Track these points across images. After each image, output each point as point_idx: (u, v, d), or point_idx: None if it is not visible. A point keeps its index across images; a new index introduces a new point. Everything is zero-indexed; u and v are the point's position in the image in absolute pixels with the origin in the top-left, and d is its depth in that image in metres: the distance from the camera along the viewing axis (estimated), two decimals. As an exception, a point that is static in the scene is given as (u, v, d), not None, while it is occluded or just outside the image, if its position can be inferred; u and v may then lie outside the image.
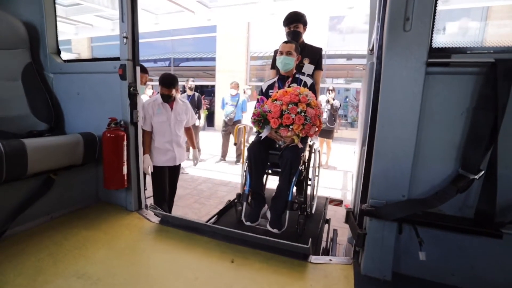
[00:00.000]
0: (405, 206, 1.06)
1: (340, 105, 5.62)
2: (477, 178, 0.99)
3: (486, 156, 0.99)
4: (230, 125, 5.81)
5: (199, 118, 5.66)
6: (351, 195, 1.78)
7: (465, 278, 1.11)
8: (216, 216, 2.04)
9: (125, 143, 1.58)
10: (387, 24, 1.05)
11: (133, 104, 1.62)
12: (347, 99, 11.03)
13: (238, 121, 5.68)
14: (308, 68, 2.02)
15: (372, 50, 1.99)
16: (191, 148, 2.65)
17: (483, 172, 0.99)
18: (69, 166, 1.57)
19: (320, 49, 2.34)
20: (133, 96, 1.60)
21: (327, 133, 5.46)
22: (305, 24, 2.26)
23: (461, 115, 1.03)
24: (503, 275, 1.07)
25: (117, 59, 1.64)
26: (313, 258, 1.32)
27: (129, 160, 1.65)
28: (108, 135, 1.53)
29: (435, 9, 1.03)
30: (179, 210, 3.63)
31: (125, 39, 1.56)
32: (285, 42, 1.97)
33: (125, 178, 1.61)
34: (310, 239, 1.29)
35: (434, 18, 1.03)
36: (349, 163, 5.74)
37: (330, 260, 1.32)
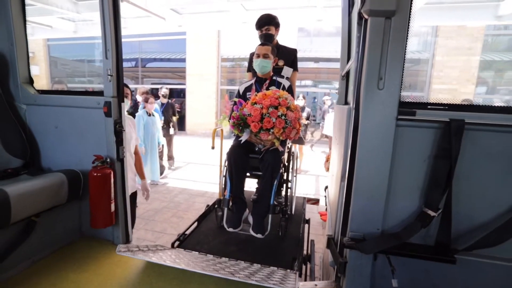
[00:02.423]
0: (380, 241, 1.23)
1: (309, 116, 5.88)
2: (437, 215, 1.18)
3: (443, 197, 1.19)
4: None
5: (173, 126, 5.57)
6: (330, 223, 1.92)
7: (431, 296, 1.32)
8: (196, 222, 2.01)
9: (112, 180, 1.58)
10: (364, 83, 1.20)
11: (119, 141, 1.61)
12: (315, 100, 11.48)
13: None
14: (287, 71, 2.05)
15: (343, 76, 2.18)
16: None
17: (440, 210, 1.18)
18: (53, 207, 1.52)
19: (295, 50, 2.35)
20: (119, 133, 1.60)
21: (298, 140, 5.69)
22: (277, 26, 2.26)
23: (423, 162, 1.22)
24: None
25: (100, 94, 1.62)
26: (300, 285, 1.45)
27: (116, 196, 1.64)
28: (95, 174, 1.51)
29: (403, 70, 1.20)
30: (157, 225, 3.59)
31: (109, 77, 1.55)
32: (261, 45, 1.96)
33: (113, 215, 1.60)
34: (297, 273, 1.42)
35: (402, 78, 1.21)
36: (319, 167, 6.04)
37: (316, 285, 1.47)
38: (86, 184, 1.64)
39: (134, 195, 2.10)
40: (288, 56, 2.25)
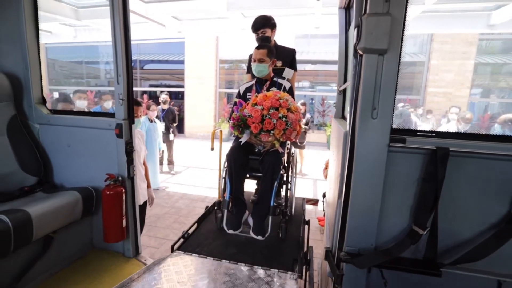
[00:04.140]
0: (374, 257, 1.35)
1: (308, 122, 5.98)
2: (425, 233, 1.30)
3: (431, 216, 1.31)
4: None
5: (173, 132, 5.66)
6: (327, 234, 2.02)
7: (421, 306, 1.45)
8: (195, 224, 2.01)
9: (124, 198, 1.68)
10: (359, 112, 1.32)
11: (130, 160, 1.71)
12: (313, 101, 11.59)
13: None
14: (288, 72, 2.03)
15: (341, 91, 2.29)
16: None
17: (428, 228, 1.30)
18: (68, 224, 1.62)
19: (293, 50, 2.31)
20: (129, 153, 1.70)
21: (296, 145, 5.82)
22: (273, 27, 2.22)
23: (413, 184, 1.34)
24: None
25: (112, 115, 1.72)
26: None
27: (127, 212, 1.74)
28: (108, 192, 1.62)
29: (394, 101, 1.32)
30: (160, 231, 3.68)
31: (121, 101, 1.65)
32: (257, 48, 1.93)
33: (125, 230, 1.71)
34: (297, 280, 1.53)
35: (394, 107, 1.32)
36: (319, 171, 6.17)
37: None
38: (98, 200, 1.74)
39: (144, 204, 2.20)
40: (286, 57, 2.23)
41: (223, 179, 1.95)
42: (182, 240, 1.77)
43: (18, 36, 1.77)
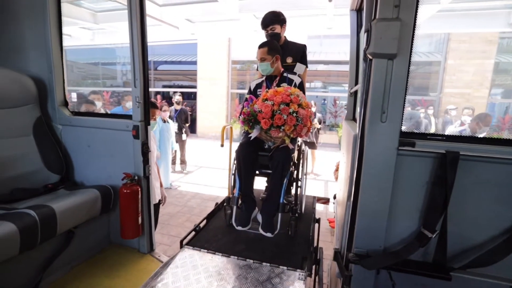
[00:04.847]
0: (382, 258, 1.36)
1: (320, 121, 5.97)
2: (434, 236, 1.31)
3: (440, 219, 1.31)
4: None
5: (186, 132, 5.78)
6: (337, 236, 2.04)
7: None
8: (205, 220, 2.04)
9: (139, 196, 1.76)
10: (368, 116, 1.33)
11: (146, 160, 1.79)
12: (325, 102, 11.50)
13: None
14: (299, 68, 2.02)
15: (352, 93, 2.30)
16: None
17: (437, 232, 1.31)
18: (88, 219, 1.72)
19: (304, 46, 2.28)
20: (145, 154, 1.78)
21: (310, 144, 5.82)
22: (282, 23, 2.19)
23: (422, 187, 1.34)
24: None
25: (129, 117, 1.80)
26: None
27: (143, 210, 1.82)
28: (125, 191, 1.70)
29: (404, 104, 1.33)
30: (172, 229, 3.78)
31: (138, 103, 1.73)
32: (258, 47, 1.92)
33: (140, 227, 1.79)
34: (306, 279, 1.56)
35: (403, 111, 1.33)
36: (330, 172, 6.14)
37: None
38: (116, 198, 1.83)
39: (158, 203, 2.28)
40: (297, 53, 2.18)
41: (233, 176, 1.95)
42: (193, 233, 1.78)
43: (44, 42, 1.89)
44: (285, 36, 2.28)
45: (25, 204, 1.56)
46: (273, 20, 2.16)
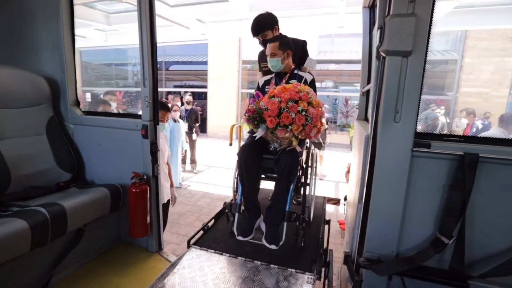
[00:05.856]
0: (394, 264, 1.30)
1: (327, 121, 5.88)
2: (450, 242, 1.24)
3: (457, 225, 1.25)
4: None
5: (196, 132, 5.82)
6: (347, 239, 1.98)
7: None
8: (213, 219, 2.00)
9: (148, 195, 1.76)
10: (381, 116, 1.28)
11: (155, 160, 1.80)
12: (336, 102, 11.33)
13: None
14: (310, 62, 1.90)
15: (364, 93, 2.24)
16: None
17: (454, 238, 1.24)
18: (98, 218, 1.73)
19: (303, 41, 2.18)
20: (154, 153, 1.78)
21: (317, 145, 5.75)
22: (273, 25, 2.08)
23: (438, 190, 1.28)
24: None
25: (138, 117, 1.81)
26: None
27: (151, 209, 1.83)
28: (134, 190, 1.71)
29: (419, 104, 1.27)
30: (181, 228, 3.80)
31: (147, 103, 1.73)
32: (269, 42, 1.83)
33: (149, 226, 1.79)
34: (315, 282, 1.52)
35: (418, 111, 1.27)
36: (341, 173, 6.04)
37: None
38: (125, 197, 1.85)
39: (167, 202, 2.26)
40: (295, 50, 2.05)
41: (235, 180, 1.83)
42: (201, 233, 1.74)
43: (57, 44, 1.92)
44: (280, 33, 2.15)
45: (37, 202, 1.59)
46: (261, 27, 2.05)
